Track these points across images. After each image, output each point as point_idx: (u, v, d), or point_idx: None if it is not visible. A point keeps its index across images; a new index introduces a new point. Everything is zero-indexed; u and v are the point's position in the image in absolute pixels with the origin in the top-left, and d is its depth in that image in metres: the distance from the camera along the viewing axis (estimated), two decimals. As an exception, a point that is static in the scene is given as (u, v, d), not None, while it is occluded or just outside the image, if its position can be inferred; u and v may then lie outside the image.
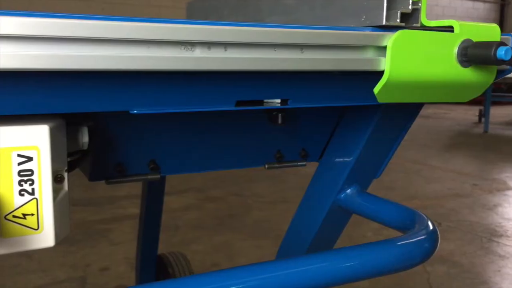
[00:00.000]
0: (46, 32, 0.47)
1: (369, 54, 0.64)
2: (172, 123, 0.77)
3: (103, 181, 0.77)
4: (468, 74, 0.67)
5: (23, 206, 0.52)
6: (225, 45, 0.54)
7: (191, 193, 3.48)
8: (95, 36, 0.49)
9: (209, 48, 0.54)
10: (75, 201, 3.02)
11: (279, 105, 0.66)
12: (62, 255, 2.40)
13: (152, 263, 1.67)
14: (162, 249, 1.71)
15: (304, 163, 0.93)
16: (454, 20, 0.66)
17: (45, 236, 0.54)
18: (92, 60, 0.49)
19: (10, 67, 0.46)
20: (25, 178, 0.52)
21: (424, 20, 0.65)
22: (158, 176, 0.79)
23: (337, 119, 0.91)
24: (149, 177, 0.79)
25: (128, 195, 3.29)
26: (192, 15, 1.31)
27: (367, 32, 0.63)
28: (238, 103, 0.63)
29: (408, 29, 0.63)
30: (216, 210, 3.17)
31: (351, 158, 0.87)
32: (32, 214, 0.53)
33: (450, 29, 0.66)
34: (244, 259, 2.41)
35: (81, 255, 2.42)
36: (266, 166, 0.89)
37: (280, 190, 3.63)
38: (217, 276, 0.55)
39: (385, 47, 0.63)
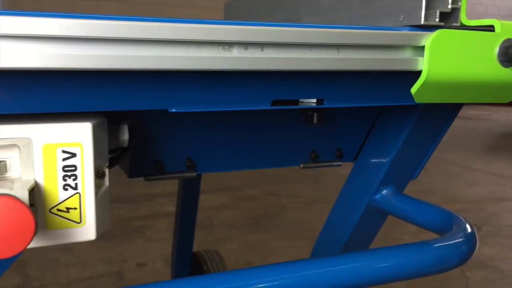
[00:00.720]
0: (90, 33, 0.48)
1: (407, 54, 0.63)
2: (209, 122, 0.79)
3: (142, 178, 0.79)
4: (509, 74, 0.65)
5: (67, 200, 0.55)
6: (262, 45, 0.55)
7: (226, 192, 3.51)
8: (136, 37, 0.50)
9: (246, 48, 0.55)
10: (113, 198, 3.08)
11: (315, 104, 0.66)
12: (100, 250, 2.46)
13: (187, 260, 1.69)
14: (197, 246, 1.74)
15: (340, 163, 0.93)
16: (495, 20, 0.64)
17: (87, 230, 0.56)
18: (133, 60, 0.51)
19: (56, 67, 0.48)
20: (68, 174, 0.54)
21: (464, 19, 0.64)
22: (194, 174, 0.80)
23: (374, 119, 0.91)
24: (185, 174, 0.80)
25: (164, 193, 3.34)
26: (230, 16, 1.33)
27: (405, 32, 0.63)
28: (274, 103, 0.63)
29: (447, 28, 0.62)
30: (251, 210, 3.18)
31: (387, 159, 0.86)
32: (75, 208, 0.55)
33: (491, 28, 0.65)
34: (278, 259, 2.42)
35: (119, 251, 2.48)
36: (301, 165, 0.89)
37: (315, 190, 3.62)
38: (250, 273, 0.56)
39: (423, 47, 0.62)
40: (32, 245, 0.50)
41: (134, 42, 0.51)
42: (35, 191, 0.52)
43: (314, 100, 0.66)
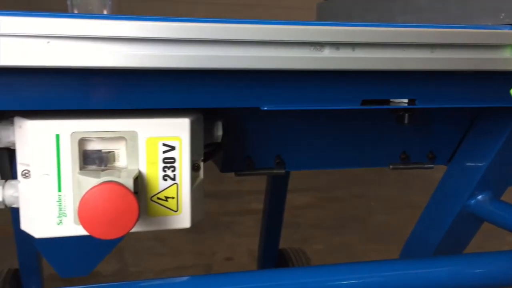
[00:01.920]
0: (189, 35, 0.52)
1: (507, 53, 0.61)
2: (299, 120, 0.80)
3: (232, 173, 0.83)
4: None
5: (166, 190, 0.59)
6: (353, 45, 0.56)
7: (313, 192, 3.50)
8: (231, 38, 0.53)
9: (337, 48, 0.56)
10: (204, 193, 3.21)
11: (406, 104, 0.65)
12: (191, 242, 2.57)
13: (273, 256, 1.72)
14: (282, 244, 1.76)
15: (432, 165, 0.90)
16: None
17: (182, 218, 0.60)
18: (228, 60, 0.54)
19: (161, 67, 0.52)
20: (168, 165, 0.58)
21: None
22: (283, 171, 0.82)
23: (469, 121, 0.87)
24: (274, 171, 0.83)
25: (252, 191, 3.41)
26: (322, 16, 1.33)
27: (506, 30, 0.61)
28: (364, 102, 0.63)
29: (553, 26, 0.59)
30: (338, 211, 3.16)
31: (483, 163, 0.83)
32: (173, 198, 0.59)
33: None
34: (364, 262, 2.38)
35: (208, 244, 2.57)
36: (391, 166, 0.88)
37: (405, 194, 3.50)
38: (338, 269, 0.57)
39: (525, 46, 0.59)
40: (134, 229, 0.55)
41: (230, 44, 0.53)
42: (139, 180, 0.57)
43: (406, 100, 0.65)
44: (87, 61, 0.50)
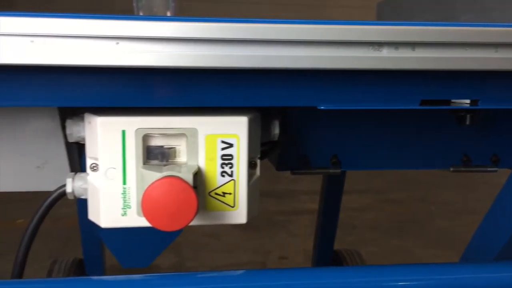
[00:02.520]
0: (249, 36, 0.53)
1: None
2: (356, 119, 0.80)
3: (288, 172, 0.83)
4: None
5: (223, 186, 0.61)
6: (413, 45, 0.55)
7: (370, 194, 3.45)
8: (288, 38, 0.54)
9: (396, 48, 0.55)
10: (259, 191, 3.23)
11: (468, 105, 0.64)
12: (246, 240, 2.61)
13: (328, 257, 1.71)
14: (337, 245, 1.75)
15: (495, 169, 0.87)
16: None
17: (239, 213, 0.62)
18: (286, 59, 0.55)
19: (220, 66, 0.54)
20: (226, 162, 0.60)
21: None
22: (339, 170, 0.82)
23: (537, 123, 0.83)
24: (330, 171, 0.83)
25: (307, 191, 3.40)
26: (382, 15, 1.32)
27: None
28: (423, 102, 0.62)
29: None
30: (396, 214, 3.09)
31: (551, 167, 0.79)
32: (230, 193, 0.61)
33: None
34: (422, 267, 2.32)
35: (263, 242, 2.59)
36: (451, 169, 0.86)
37: (468, 199, 3.38)
38: (393, 270, 0.57)
39: None
40: (193, 222, 0.57)
41: (288, 44, 0.54)
42: (198, 176, 0.60)
43: (468, 101, 0.64)
44: (153, 61, 0.52)
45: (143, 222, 0.58)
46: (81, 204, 1.21)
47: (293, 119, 0.77)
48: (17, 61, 0.50)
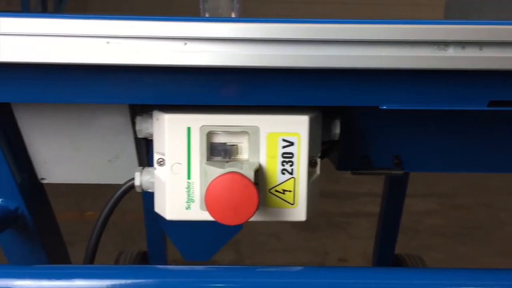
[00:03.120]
0: (311, 36, 0.54)
1: None
2: (420, 120, 0.78)
3: (349, 174, 0.83)
4: None
5: (283, 183, 0.62)
6: (481, 44, 0.54)
7: (434, 198, 3.34)
8: (351, 38, 0.54)
9: (463, 47, 0.54)
10: (319, 192, 3.21)
11: (541, 107, 0.61)
12: (305, 240, 2.60)
13: (389, 261, 1.68)
14: (398, 250, 1.71)
15: None
16: None
17: (298, 211, 0.63)
18: (348, 59, 0.55)
19: (283, 66, 0.55)
20: (286, 160, 0.61)
21: None
22: (401, 172, 0.81)
23: None
24: (392, 172, 0.81)
25: (368, 193, 3.34)
26: (450, 14, 1.28)
27: None
28: (491, 103, 0.61)
29: None
30: (462, 220, 2.97)
31: None
32: (290, 191, 0.62)
33: None
34: (489, 276, 2.22)
35: (322, 243, 2.58)
36: (521, 173, 0.82)
37: (540, 207, 3.20)
38: (457, 273, 0.55)
39: None
40: (253, 218, 0.59)
41: (350, 43, 0.55)
42: (259, 172, 0.61)
43: (540, 102, 0.61)
44: (218, 61, 0.55)
45: (205, 216, 0.60)
46: (147, 198, 1.26)
47: (355, 118, 0.77)
48: (93, 61, 0.54)
